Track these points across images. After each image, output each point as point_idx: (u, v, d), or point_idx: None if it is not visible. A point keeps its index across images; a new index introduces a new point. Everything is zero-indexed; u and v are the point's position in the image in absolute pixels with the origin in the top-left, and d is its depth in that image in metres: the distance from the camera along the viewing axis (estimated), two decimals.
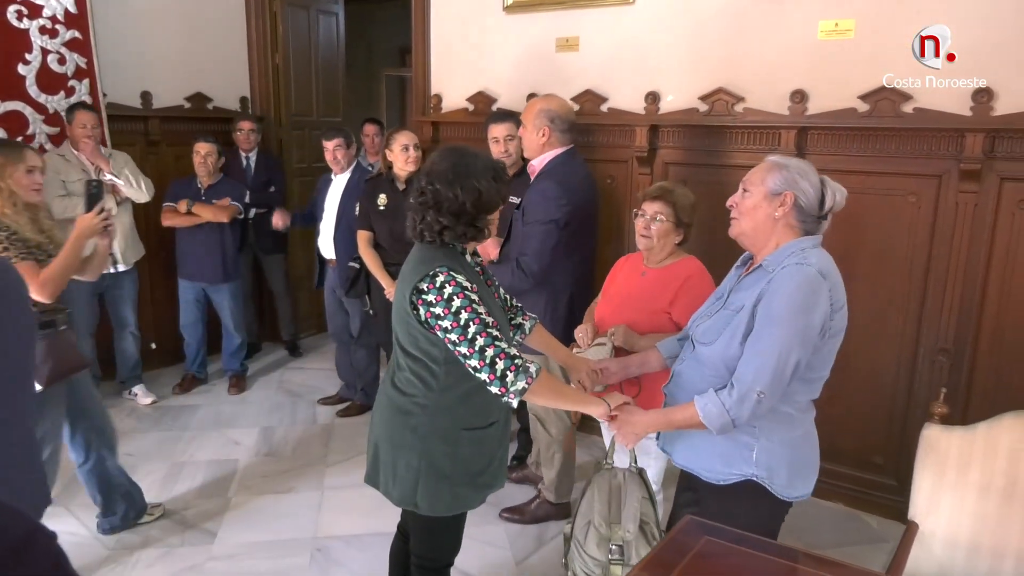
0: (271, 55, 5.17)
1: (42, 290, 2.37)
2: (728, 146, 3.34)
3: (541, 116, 2.89)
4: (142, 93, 4.59)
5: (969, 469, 1.94)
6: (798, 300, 1.69)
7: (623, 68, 3.62)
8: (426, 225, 1.87)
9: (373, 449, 2.05)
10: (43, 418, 2.48)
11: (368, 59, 8.63)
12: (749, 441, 1.82)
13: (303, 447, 3.89)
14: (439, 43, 4.29)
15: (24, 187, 2.46)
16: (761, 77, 3.25)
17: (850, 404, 3.22)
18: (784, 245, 1.79)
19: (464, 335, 1.79)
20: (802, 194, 1.77)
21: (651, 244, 2.46)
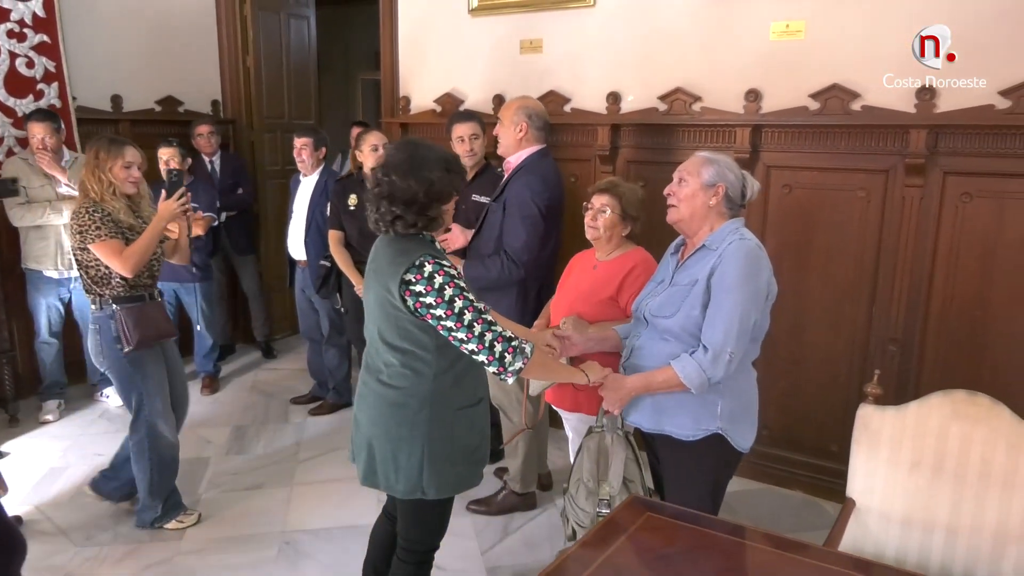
0: (242, 58, 5.22)
1: (124, 264, 2.73)
2: (686, 144, 3.44)
3: (520, 112, 3.01)
4: (112, 96, 4.64)
5: (901, 447, 2.04)
6: (748, 269, 1.97)
7: (586, 69, 3.72)
8: (380, 215, 1.94)
9: (367, 450, 2.06)
10: (144, 377, 2.87)
11: (345, 62, 8.69)
12: (714, 398, 2.04)
13: (274, 445, 3.94)
14: (407, 45, 4.37)
15: (121, 180, 2.80)
16: (717, 77, 3.35)
17: (807, 395, 3.33)
18: (720, 227, 2.06)
19: (460, 322, 1.87)
20: (730, 186, 2.06)
21: (598, 235, 2.59)
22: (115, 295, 2.81)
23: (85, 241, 2.74)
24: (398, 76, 4.45)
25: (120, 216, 2.80)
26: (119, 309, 2.80)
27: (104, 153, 2.78)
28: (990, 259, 2.92)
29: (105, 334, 2.83)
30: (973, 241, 2.94)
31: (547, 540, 3.07)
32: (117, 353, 2.83)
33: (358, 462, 2.10)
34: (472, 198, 3.47)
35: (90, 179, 2.78)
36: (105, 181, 2.78)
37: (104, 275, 2.80)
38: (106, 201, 2.78)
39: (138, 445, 2.97)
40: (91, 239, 2.73)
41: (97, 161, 2.78)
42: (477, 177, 3.54)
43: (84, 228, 2.73)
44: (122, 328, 2.79)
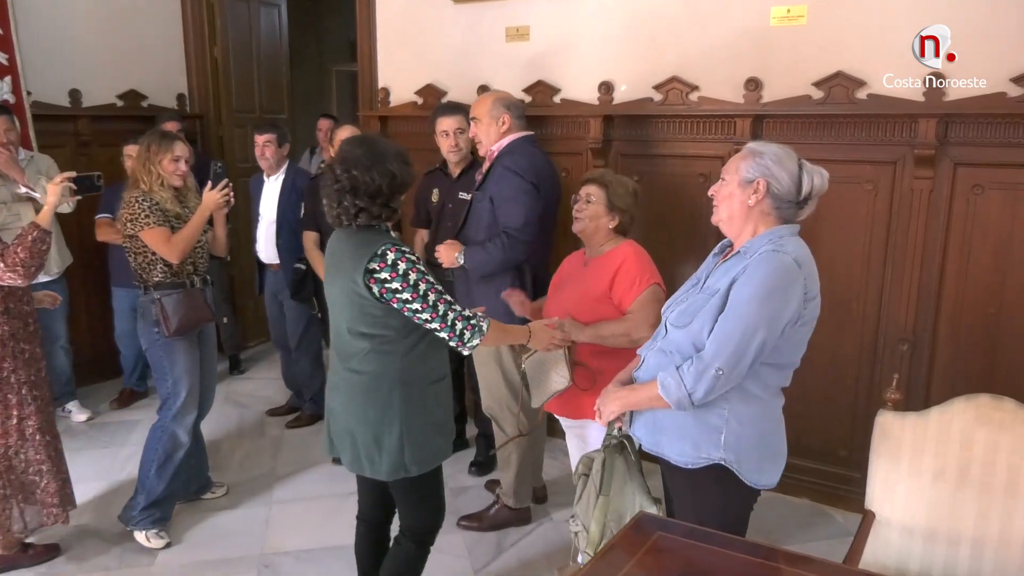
0: (209, 49, 5.12)
1: (172, 250, 2.95)
2: (683, 136, 3.40)
3: (498, 105, 2.95)
4: (71, 91, 4.52)
5: (923, 455, 2.00)
6: (770, 285, 1.78)
7: (576, 58, 3.67)
8: (343, 210, 2.08)
9: (349, 438, 2.20)
10: (172, 364, 3.05)
11: (318, 53, 8.58)
12: (718, 424, 1.88)
13: (250, 460, 3.86)
14: (385, 35, 4.30)
15: (169, 173, 3.01)
16: (715, 65, 3.31)
17: (814, 398, 3.30)
18: (763, 232, 1.88)
19: (426, 303, 2.07)
20: (775, 181, 1.85)
21: (584, 225, 2.58)
22: (157, 281, 3.00)
23: (136, 228, 2.95)
24: (376, 67, 4.37)
25: (167, 206, 3.01)
26: (160, 295, 3.00)
27: (155, 146, 3.01)
28: (1004, 254, 2.90)
29: (147, 317, 3.03)
30: (986, 235, 2.91)
31: (543, 557, 3.01)
32: (154, 337, 3.03)
33: (342, 451, 2.24)
34: (459, 196, 3.41)
35: (140, 171, 3.01)
36: (154, 173, 3.00)
37: (151, 261, 3.00)
38: (155, 192, 2.99)
39: (153, 436, 3.13)
40: (141, 226, 2.94)
41: (148, 154, 3.00)
42: (464, 174, 3.48)
43: (135, 216, 2.94)
44: (161, 314, 2.98)
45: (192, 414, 3.16)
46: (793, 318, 1.81)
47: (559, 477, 3.58)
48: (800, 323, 1.84)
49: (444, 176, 3.59)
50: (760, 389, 1.89)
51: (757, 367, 1.84)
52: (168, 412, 3.09)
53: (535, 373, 2.57)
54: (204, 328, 3.20)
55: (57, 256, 4.08)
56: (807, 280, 1.82)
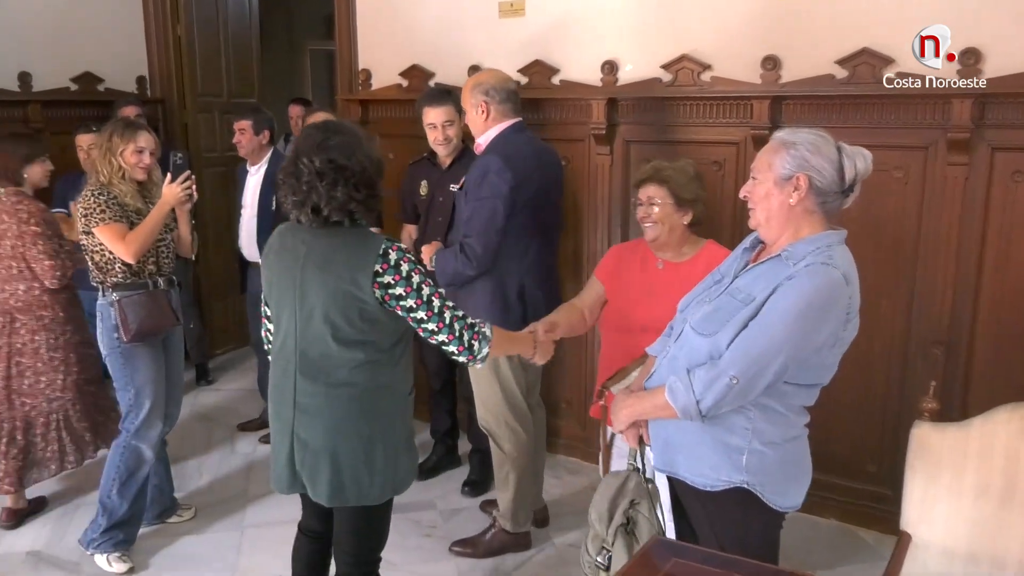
0: (172, 27, 5.10)
1: (128, 248, 2.92)
2: (694, 119, 3.39)
3: (475, 92, 2.93)
4: (20, 74, 4.50)
5: (964, 470, 1.99)
6: (811, 301, 1.75)
7: (576, 34, 3.65)
8: (336, 204, 2.01)
9: (329, 466, 2.11)
10: (134, 371, 3.04)
11: (289, 30, 8.55)
12: (739, 444, 1.87)
13: (219, 481, 3.84)
14: (367, 10, 4.27)
15: (132, 165, 3.00)
16: (729, 42, 3.30)
17: (839, 406, 3.28)
18: (808, 236, 1.83)
19: (431, 310, 2.06)
20: (817, 173, 1.81)
21: (659, 231, 2.52)
22: (116, 282, 2.99)
23: (89, 224, 2.93)
24: (356, 46, 4.35)
25: (127, 200, 3.00)
26: (119, 298, 2.97)
27: (117, 136, 2.99)
28: None
29: (105, 321, 3.02)
30: None
31: None
32: (114, 343, 3.02)
33: (314, 483, 2.14)
34: (450, 188, 3.39)
35: (100, 161, 2.99)
36: (115, 164, 2.98)
37: (108, 260, 2.98)
38: (114, 185, 2.98)
39: (114, 452, 3.12)
40: (95, 222, 2.92)
41: (110, 144, 2.98)
42: (455, 164, 3.47)
43: (89, 211, 2.93)
44: (121, 317, 2.97)
45: (157, 428, 3.13)
46: (829, 341, 1.79)
47: (561, 497, 3.57)
48: (837, 345, 1.82)
49: (432, 166, 3.57)
50: (784, 408, 1.87)
51: (781, 386, 1.82)
52: (130, 425, 3.07)
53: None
54: (169, 334, 3.18)
55: None
56: (852, 298, 1.79)
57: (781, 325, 1.75)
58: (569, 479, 3.77)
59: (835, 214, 1.88)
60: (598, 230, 3.72)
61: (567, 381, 3.93)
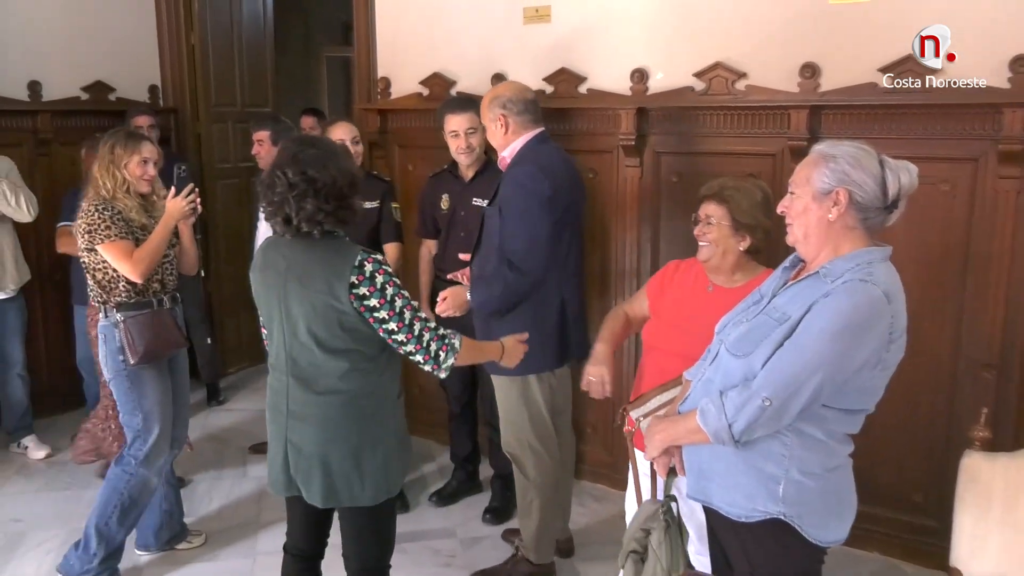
0: (185, 35, 5.17)
1: (135, 267, 2.93)
2: (728, 130, 3.38)
3: (493, 106, 2.96)
4: (30, 83, 4.57)
5: (1017, 503, 1.96)
6: (848, 320, 1.74)
7: (604, 41, 3.66)
8: (306, 215, 2.16)
9: (320, 470, 2.28)
10: (141, 396, 3.04)
11: (306, 37, 8.65)
12: (775, 473, 1.85)
13: (231, 505, 3.85)
14: (386, 16, 4.32)
15: (136, 177, 3.01)
16: (765, 49, 3.30)
17: (882, 433, 3.24)
18: (848, 253, 1.82)
19: (402, 322, 2.21)
20: (857, 188, 1.80)
21: (712, 253, 2.46)
22: (120, 302, 2.99)
23: (94, 242, 2.93)
24: (375, 52, 4.39)
25: (132, 215, 3.00)
26: (124, 318, 2.98)
27: (121, 148, 2.99)
28: None
29: (109, 344, 3.01)
30: None
31: None
32: (119, 366, 3.01)
33: (308, 485, 2.31)
34: (474, 202, 3.41)
35: (103, 175, 2.98)
36: (119, 178, 2.99)
37: (112, 279, 2.99)
38: (118, 199, 2.98)
39: (116, 478, 3.09)
40: (100, 239, 2.92)
41: (112, 156, 2.98)
42: (478, 177, 3.48)
43: (93, 227, 2.92)
44: (127, 338, 2.96)
45: (164, 453, 3.15)
46: (870, 361, 1.77)
47: (587, 526, 3.55)
48: (880, 367, 1.80)
49: (454, 179, 3.59)
50: (824, 434, 1.85)
51: (820, 410, 1.81)
52: (138, 452, 3.07)
53: None
54: (175, 354, 3.20)
55: (14, 271, 4.11)
56: (895, 318, 1.77)
57: (816, 345, 1.74)
58: (595, 507, 3.75)
59: (878, 231, 1.87)
60: (627, 246, 3.72)
61: (593, 405, 3.91)
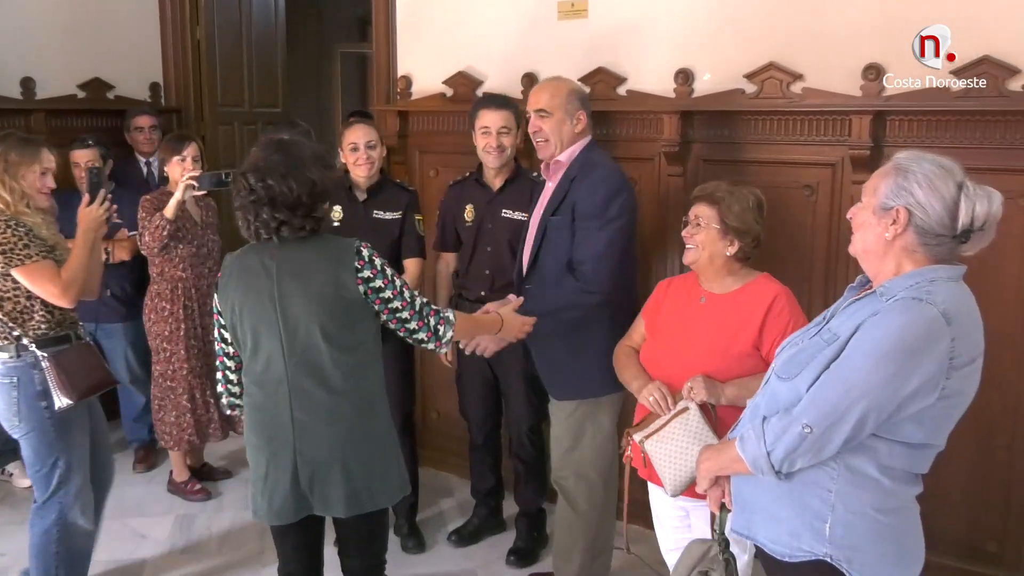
0: (191, 30, 5.24)
1: (66, 292, 2.81)
2: (783, 137, 3.37)
3: (574, 99, 2.99)
4: (23, 80, 4.63)
5: None
6: (898, 341, 1.73)
7: (646, 38, 3.67)
8: (262, 223, 2.31)
9: (342, 475, 2.37)
10: (68, 446, 2.92)
11: (319, 33, 8.73)
12: (821, 509, 1.85)
13: (232, 541, 3.87)
14: (407, 10, 4.35)
15: (36, 190, 2.89)
16: (824, 48, 3.28)
17: (952, 474, 3.19)
18: (908, 271, 1.82)
19: (405, 300, 2.39)
20: (919, 210, 1.79)
21: (697, 256, 2.58)
22: (37, 336, 2.84)
23: (9, 264, 2.76)
24: (395, 49, 4.43)
25: (42, 233, 2.87)
26: (46, 356, 2.82)
27: (16, 155, 2.85)
28: None
29: (25, 388, 2.83)
30: None
31: None
32: (41, 413, 2.84)
33: (326, 497, 2.39)
34: (502, 215, 3.42)
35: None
36: (17, 191, 2.84)
37: (25, 309, 2.83)
38: (21, 214, 2.84)
39: (45, 535, 2.98)
40: (17, 261, 2.76)
41: (6, 165, 2.83)
42: (507, 186, 3.50)
43: (6, 248, 2.76)
44: (55, 380, 2.81)
45: (90, 493, 3.09)
46: (925, 389, 1.74)
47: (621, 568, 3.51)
48: (942, 395, 1.77)
49: (480, 187, 3.60)
50: (877, 470, 1.83)
51: (871, 441, 1.80)
52: (64, 499, 2.98)
53: (665, 452, 2.47)
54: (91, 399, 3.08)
55: None
56: (957, 342, 1.74)
57: (861, 368, 1.74)
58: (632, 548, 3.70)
59: (947, 258, 1.85)
60: (667, 261, 3.70)
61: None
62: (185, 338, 4.02)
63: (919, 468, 1.89)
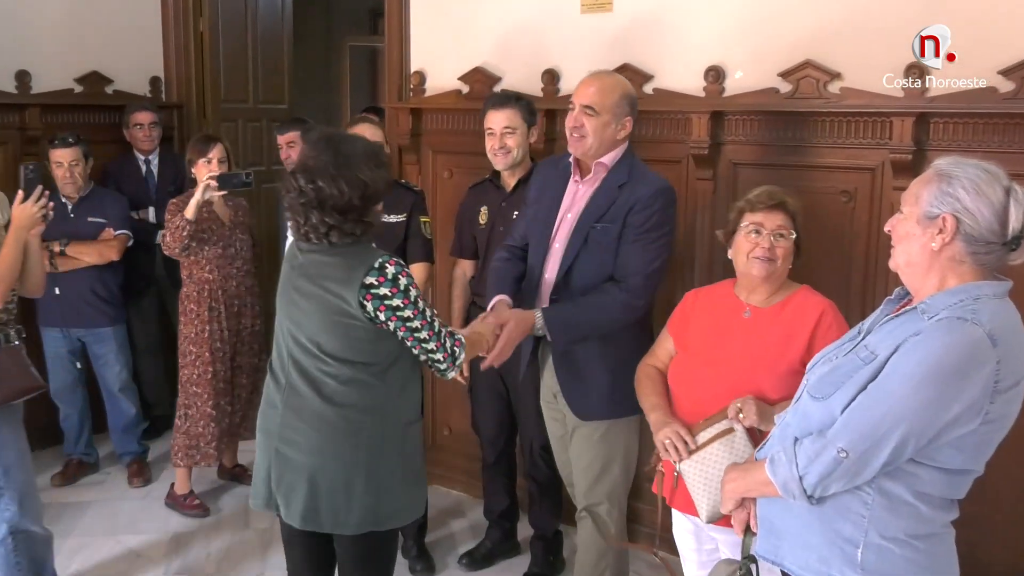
0: (193, 22, 5.27)
1: None
2: (819, 139, 3.36)
3: (624, 103, 2.92)
4: (18, 73, 4.66)
5: None
6: (941, 365, 1.72)
7: (674, 34, 3.67)
8: (311, 227, 2.32)
9: (307, 485, 2.39)
10: (4, 444, 2.96)
11: (327, 25, 8.77)
12: (853, 535, 1.85)
13: (232, 560, 3.87)
14: (422, 2, 4.36)
15: None
16: (864, 45, 3.27)
17: (994, 498, 3.17)
18: (953, 287, 1.81)
19: (426, 320, 2.39)
20: (968, 217, 1.78)
21: (774, 269, 2.52)
22: None
23: None
24: (408, 43, 4.44)
25: None
26: None
27: None
28: None
29: None
30: None
31: None
32: None
33: (289, 502, 2.43)
34: (514, 217, 3.41)
35: None
36: None
37: None
38: None
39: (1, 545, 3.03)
40: None
41: None
42: (519, 186, 3.50)
43: None
44: None
45: (39, 499, 3.12)
46: (967, 414, 1.74)
47: None
48: (984, 420, 1.76)
49: (496, 189, 3.61)
50: (914, 496, 1.83)
51: (909, 467, 1.80)
52: (11, 508, 3.01)
53: (703, 475, 2.44)
54: None
55: None
56: (1003, 364, 1.73)
57: (901, 391, 1.74)
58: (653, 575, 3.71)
59: (996, 268, 1.84)
60: (696, 271, 3.69)
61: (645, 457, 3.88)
62: (209, 340, 4.12)
63: (956, 494, 1.88)
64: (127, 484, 4.54)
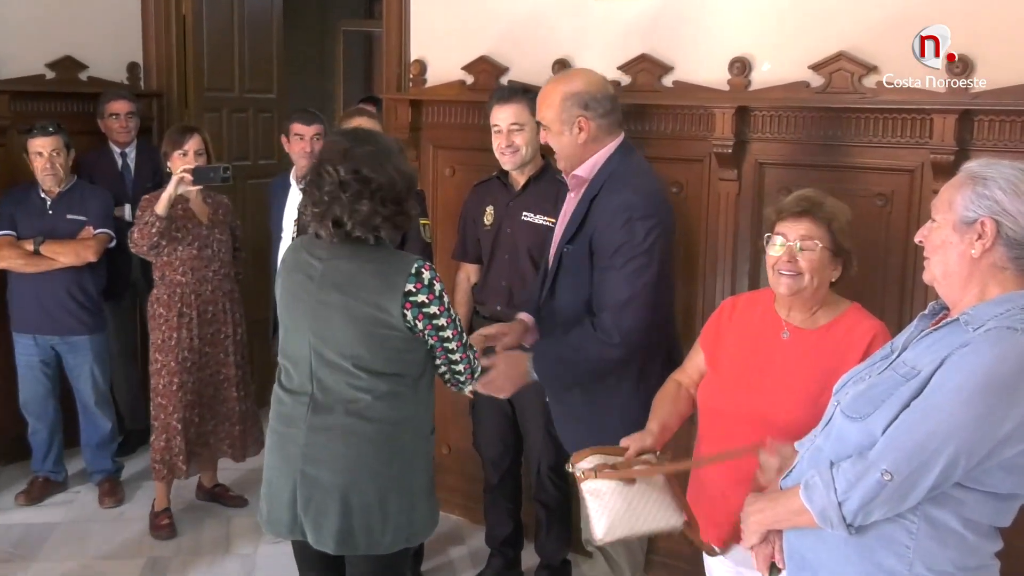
0: (175, 4, 5.27)
1: None
2: (854, 138, 3.35)
3: (567, 105, 2.80)
4: None
5: None
6: (991, 378, 1.73)
7: (696, 22, 3.67)
8: (360, 218, 2.34)
9: (339, 507, 2.42)
10: None
11: (320, 8, 8.78)
12: (896, 568, 1.85)
13: None
14: None
15: None
16: (901, 37, 3.26)
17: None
18: (996, 296, 1.82)
19: (456, 330, 2.47)
20: (1009, 219, 1.79)
21: (802, 285, 2.39)
22: None
23: None
24: (408, 30, 4.44)
25: None
26: None
27: None
28: None
29: None
30: None
31: None
32: None
33: (318, 527, 2.45)
34: (522, 218, 3.41)
35: None
36: None
37: None
38: None
39: None
40: None
41: None
42: (530, 185, 3.49)
43: None
44: None
45: None
46: (1020, 431, 1.74)
47: None
48: None
49: (503, 187, 3.61)
50: (961, 524, 1.83)
51: (956, 491, 1.79)
52: None
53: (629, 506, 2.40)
54: None
55: None
56: None
57: (949, 406, 1.73)
58: None
59: None
60: (718, 279, 3.69)
61: None
62: (177, 348, 4.13)
63: (1002, 521, 1.88)
64: (98, 504, 4.54)
